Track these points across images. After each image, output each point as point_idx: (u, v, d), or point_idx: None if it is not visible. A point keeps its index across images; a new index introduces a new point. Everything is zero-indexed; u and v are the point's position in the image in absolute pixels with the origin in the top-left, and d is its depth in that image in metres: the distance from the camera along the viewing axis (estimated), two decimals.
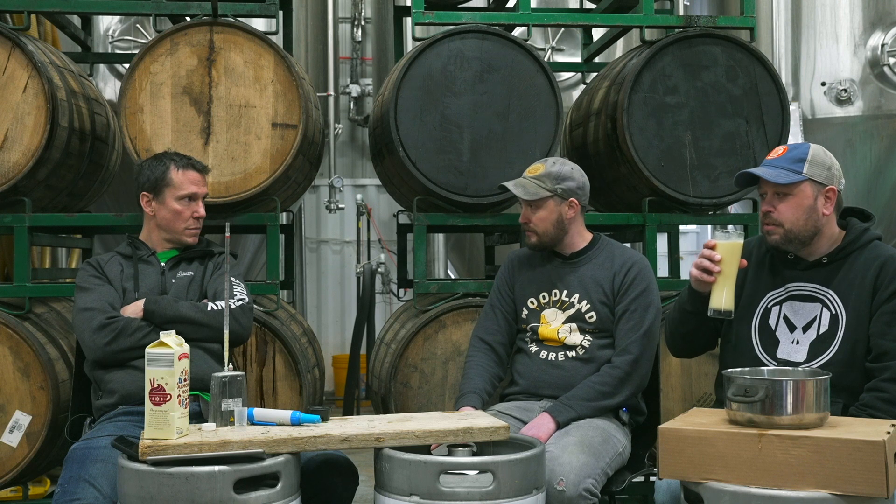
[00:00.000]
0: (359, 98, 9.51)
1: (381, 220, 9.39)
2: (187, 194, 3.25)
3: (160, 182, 3.24)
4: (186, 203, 3.25)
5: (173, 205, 3.24)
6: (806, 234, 2.75)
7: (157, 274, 3.23)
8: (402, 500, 2.46)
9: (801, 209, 2.73)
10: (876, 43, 5.45)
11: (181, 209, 3.24)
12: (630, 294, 3.23)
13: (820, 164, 2.74)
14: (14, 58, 3.75)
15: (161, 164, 3.26)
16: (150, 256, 3.27)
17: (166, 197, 3.24)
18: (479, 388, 3.21)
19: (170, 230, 3.26)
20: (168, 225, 3.25)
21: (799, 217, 2.74)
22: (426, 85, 3.95)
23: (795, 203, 2.73)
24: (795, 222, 2.74)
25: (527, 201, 3.27)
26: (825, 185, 2.74)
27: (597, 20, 4.74)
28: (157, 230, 3.28)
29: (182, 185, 3.24)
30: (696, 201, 4.07)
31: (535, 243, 3.32)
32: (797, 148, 2.78)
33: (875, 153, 5.49)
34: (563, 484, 2.72)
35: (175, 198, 3.24)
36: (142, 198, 3.27)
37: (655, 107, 4.05)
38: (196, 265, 3.30)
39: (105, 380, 3.01)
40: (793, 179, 2.72)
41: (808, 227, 2.75)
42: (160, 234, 3.28)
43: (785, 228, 2.75)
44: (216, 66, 3.82)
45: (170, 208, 3.24)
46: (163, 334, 2.48)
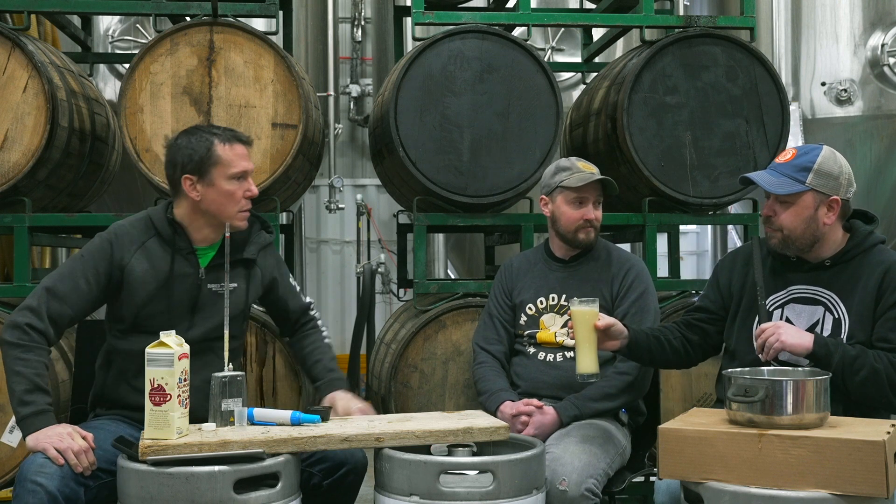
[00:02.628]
0: (359, 98, 9.50)
1: (381, 220, 9.39)
2: (238, 172, 2.79)
3: (206, 161, 2.76)
4: (237, 182, 2.79)
5: (224, 185, 2.77)
6: (805, 241, 2.72)
7: (193, 284, 2.82)
8: (402, 500, 2.46)
9: (800, 218, 2.69)
10: (876, 43, 5.44)
11: (233, 190, 2.78)
12: (629, 297, 3.23)
13: (826, 175, 2.67)
14: (14, 58, 3.75)
15: (203, 140, 2.78)
16: (190, 254, 2.83)
17: (215, 177, 2.76)
18: (506, 387, 3.23)
19: (220, 215, 2.79)
20: (219, 209, 2.78)
21: (798, 225, 2.70)
22: (426, 85, 3.95)
23: (795, 212, 2.69)
24: (794, 230, 2.71)
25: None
26: (829, 195, 2.68)
27: (597, 20, 4.74)
28: (202, 216, 2.81)
29: (232, 161, 2.78)
30: (696, 201, 4.06)
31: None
32: (806, 154, 2.71)
33: (875, 153, 5.49)
34: (566, 484, 2.72)
35: (225, 177, 2.77)
36: (184, 181, 2.77)
37: (655, 107, 4.05)
38: (240, 273, 2.90)
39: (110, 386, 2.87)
40: (794, 190, 2.67)
41: (808, 235, 2.71)
42: (206, 220, 2.82)
43: (784, 234, 2.73)
44: (216, 66, 3.82)
45: (220, 190, 2.77)
46: (163, 334, 2.47)
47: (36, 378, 2.59)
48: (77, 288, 2.73)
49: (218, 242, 2.87)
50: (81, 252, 2.81)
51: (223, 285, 2.80)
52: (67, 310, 2.72)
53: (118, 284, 2.79)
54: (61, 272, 2.76)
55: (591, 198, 3.25)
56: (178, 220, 2.84)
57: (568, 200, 3.25)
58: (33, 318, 2.67)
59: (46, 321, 2.68)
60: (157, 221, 2.84)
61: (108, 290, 2.79)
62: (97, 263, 2.76)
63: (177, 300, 2.81)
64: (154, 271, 2.79)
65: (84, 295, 2.74)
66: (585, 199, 3.25)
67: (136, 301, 2.79)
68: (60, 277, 2.75)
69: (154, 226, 2.84)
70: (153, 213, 2.88)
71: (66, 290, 2.72)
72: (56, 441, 2.46)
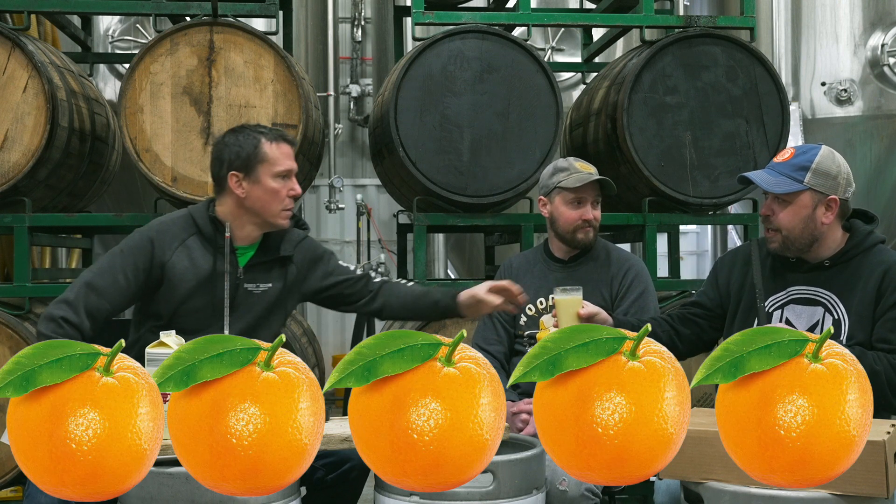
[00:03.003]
0: (359, 98, 9.50)
1: (381, 220, 9.39)
2: (283, 171, 2.81)
3: (252, 158, 2.78)
4: (282, 181, 2.80)
5: (270, 183, 2.78)
6: (803, 241, 2.71)
7: (232, 283, 2.82)
8: (402, 499, 2.46)
9: (798, 218, 2.68)
10: (876, 43, 5.44)
11: (278, 188, 2.79)
12: (629, 297, 3.23)
13: (824, 174, 2.66)
14: (14, 58, 3.75)
15: (250, 138, 2.81)
16: (230, 253, 2.83)
17: (260, 175, 2.78)
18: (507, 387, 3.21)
19: (264, 212, 2.80)
20: (263, 207, 2.80)
21: (796, 225, 2.69)
22: (426, 85, 3.95)
23: (793, 211, 2.68)
24: (792, 230, 2.70)
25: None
26: (827, 194, 2.66)
27: (597, 20, 4.75)
28: (247, 214, 2.82)
29: (278, 160, 2.80)
30: (696, 201, 4.07)
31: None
32: (805, 153, 2.70)
33: (875, 153, 5.49)
34: (566, 484, 2.72)
35: (271, 175, 2.78)
36: (230, 178, 2.79)
37: (655, 107, 4.05)
38: (276, 273, 2.90)
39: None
40: (791, 189, 2.66)
41: (806, 235, 2.70)
42: (250, 218, 2.83)
43: (782, 234, 2.73)
44: (216, 66, 3.82)
45: (266, 187, 2.78)
46: (163, 334, 2.47)
47: None
48: (116, 283, 2.74)
49: (257, 242, 2.88)
50: (121, 247, 2.81)
51: (258, 286, 2.85)
52: (105, 304, 2.73)
53: (157, 281, 2.80)
54: (101, 266, 2.77)
55: (590, 198, 3.25)
56: (221, 218, 2.85)
57: (566, 201, 3.25)
58: (69, 312, 2.68)
59: (83, 314, 2.69)
60: (199, 219, 2.84)
61: (146, 286, 2.80)
62: (137, 259, 2.77)
63: (215, 299, 2.81)
64: (194, 269, 2.80)
65: (122, 290, 2.75)
66: (584, 200, 3.24)
67: (176, 298, 2.79)
68: (100, 272, 2.75)
69: (195, 223, 2.84)
70: (195, 211, 2.88)
71: (105, 284, 2.73)
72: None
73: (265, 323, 2.86)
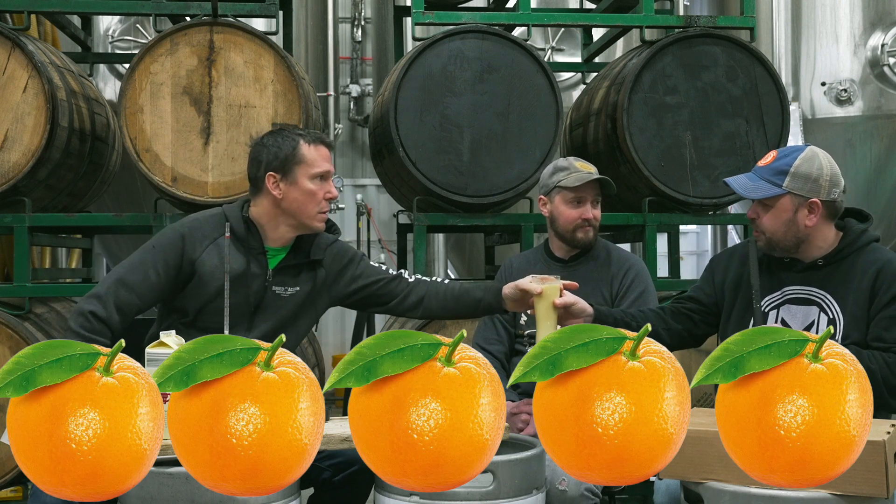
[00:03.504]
0: (359, 98, 9.51)
1: (381, 220, 9.39)
2: (321, 172, 2.80)
3: (290, 159, 2.77)
4: (319, 183, 2.79)
5: (307, 185, 2.77)
6: (788, 243, 2.72)
7: (260, 285, 2.81)
8: (402, 499, 2.46)
9: (780, 221, 2.69)
10: (876, 43, 5.44)
11: (315, 189, 2.78)
12: (629, 297, 3.23)
13: (804, 177, 2.66)
14: (14, 58, 3.75)
15: (289, 140, 2.81)
16: (260, 255, 2.83)
17: (298, 176, 2.77)
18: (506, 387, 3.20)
19: (300, 214, 2.79)
20: (299, 208, 2.78)
21: (778, 228, 2.70)
22: (426, 85, 3.95)
23: (775, 215, 2.69)
24: (775, 232, 2.71)
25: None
26: (808, 197, 2.66)
27: (597, 20, 4.74)
28: (282, 215, 2.81)
29: (315, 161, 2.79)
30: (696, 201, 4.07)
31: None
32: (785, 157, 2.70)
33: (875, 153, 5.49)
34: (565, 484, 2.72)
35: (308, 176, 2.78)
36: (267, 179, 2.79)
37: (655, 107, 4.05)
38: (305, 277, 2.89)
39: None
40: (770, 194, 2.67)
41: (789, 237, 2.71)
42: (285, 219, 2.81)
43: (766, 237, 2.74)
44: (216, 66, 3.82)
45: (303, 189, 2.77)
46: (163, 334, 2.47)
47: None
48: (147, 278, 2.74)
49: (289, 245, 2.87)
50: (153, 243, 2.82)
51: (287, 289, 2.84)
52: (135, 299, 2.74)
53: (187, 278, 2.80)
54: (132, 262, 2.78)
55: (589, 197, 3.25)
56: (255, 219, 2.84)
57: (566, 200, 3.25)
58: (98, 307, 2.69)
59: (112, 309, 2.69)
60: (233, 219, 2.84)
61: (176, 282, 2.79)
62: (168, 256, 2.77)
63: (242, 299, 2.80)
64: (227, 269, 2.78)
65: (153, 286, 2.76)
66: (583, 199, 3.24)
67: (204, 295, 2.79)
68: (131, 267, 2.76)
69: (229, 223, 2.84)
70: (228, 211, 2.88)
71: (136, 280, 2.74)
72: None
73: (291, 326, 2.85)
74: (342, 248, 3.01)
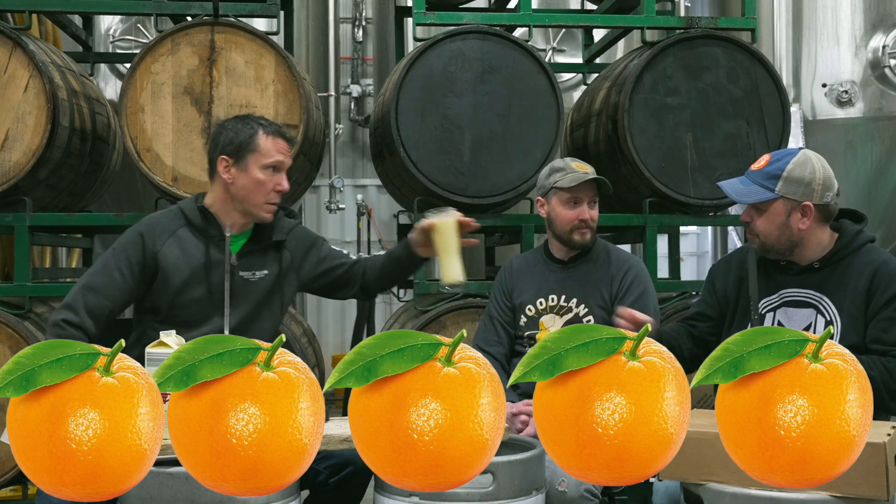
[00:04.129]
0: (359, 98, 9.51)
1: (381, 220, 9.39)
2: (273, 163, 2.84)
3: (245, 146, 2.82)
4: (270, 173, 2.84)
5: (256, 173, 2.82)
6: (781, 246, 2.73)
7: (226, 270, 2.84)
8: (402, 500, 2.46)
9: (773, 225, 2.70)
10: (877, 44, 5.44)
11: (264, 179, 2.83)
12: (629, 298, 3.23)
13: (796, 181, 2.66)
14: (15, 57, 3.75)
15: (248, 127, 2.85)
16: (221, 241, 2.86)
17: (249, 163, 2.83)
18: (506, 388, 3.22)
19: (246, 201, 2.85)
20: (246, 196, 2.84)
21: (772, 231, 2.71)
22: (427, 85, 3.95)
23: (768, 219, 2.70)
24: (769, 236, 2.72)
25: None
26: (800, 201, 2.67)
27: (598, 21, 4.75)
28: (232, 201, 2.86)
29: (269, 152, 2.83)
30: (696, 202, 4.07)
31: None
32: (779, 160, 2.71)
33: (876, 155, 5.49)
34: (565, 485, 2.72)
35: (259, 166, 2.83)
36: (219, 162, 2.85)
37: (656, 108, 4.05)
38: (271, 259, 2.94)
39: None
40: (762, 198, 2.68)
41: (783, 240, 2.72)
42: (234, 205, 2.87)
43: (760, 240, 2.75)
44: (217, 66, 3.82)
45: (252, 177, 2.82)
46: (163, 334, 2.47)
47: None
48: (112, 280, 2.79)
49: (248, 231, 2.92)
50: (114, 245, 2.87)
51: (255, 273, 2.89)
52: (105, 302, 2.78)
53: (153, 274, 2.84)
54: (96, 267, 2.84)
55: (586, 198, 3.24)
56: (209, 207, 2.89)
57: (562, 201, 3.24)
58: (69, 314, 2.74)
59: (83, 315, 2.74)
60: (188, 210, 2.89)
61: (143, 280, 2.83)
62: (129, 254, 2.82)
63: (211, 288, 2.84)
64: (186, 258, 2.83)
65: (119, 286, 2.80)
66: (580, 200, 3.24)
67: (171, 289, 2.83)
68: (95, 272, 2.82)
69: (185, 215, 2.89)
70: (183, 204, 2.94)
71: (102, 283, 2.79)
72: None
73: (267, 310, 2.90)
74: (304, 231, 3.08)
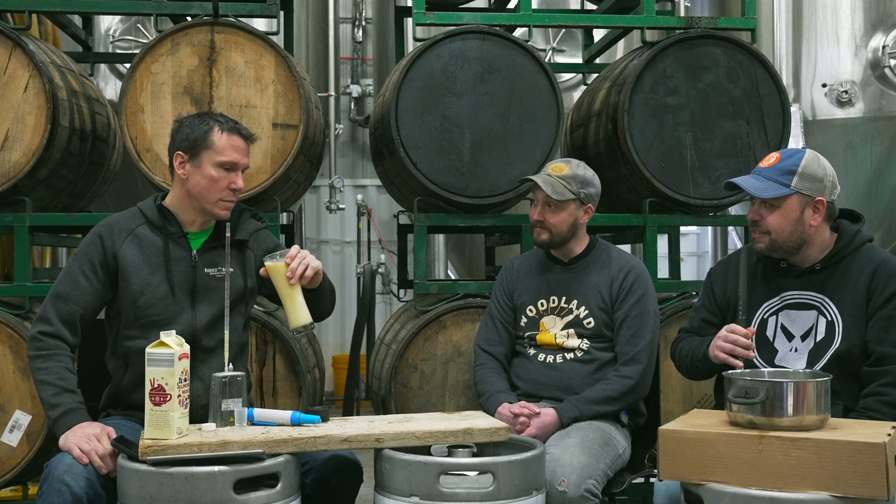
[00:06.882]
0: (359, 98, 9.51)
1: (381, 220, 9.40)
2: (227, 161, 2.82)
3: (199, 143, 2.82)
4: (225, 172, 2.83)
5: (210, 171, 2.81)
6: (792, 244, 2.74)
7: (188, 266, 2.85)
8: (402, 500, 2.46)
9: (787, 221, 2.72)
10: (877, 44, 5.44)
11: (218, 177, 2.81)
12: (629, 300, 3.23)
13: (810, 177, 2.71)
14: (15, 57, 3.75)
15: (204, 124, 2.84)
16: (181, 238, 2.87)
17: (203, 161, 2.82)
18: (505, 388, 3.24)
19: (200, 198, 2.83)
20: (200, 192, 2.83)
21: (785, 228, 2.73)
22: (427, 85, 3.94)
23: (782, 215, 2.72)
24: (781, 233, 2.73)
25: (551, 200, 3.24)
26: (814, 197, 2.71)
27: (598, 21, 4.74)
28: (188, 197, 2.86)
29: (223, 150, 2.82)
30: (696, 203, 4.06)
31: (545, 240, 3.29)
32: (790, 157, 2.75)
33: (876, 155, 5.49)
34: (565, 485, 2.72)
35: (213, 163, 2.82)
36: (175, 157, 2.85)
37: (656, 108, 4.04)
38: (234, 258, 2.91)
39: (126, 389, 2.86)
40: (780, 193, 2.70)
41: (795, 237, 2.73)
42: (191, 202, 2.86)
43: (771, 238, 2.75)
44: (217, 66, 3.82)
45: (205, 174, 2.81)
46: (163, 334, 2.48)
47: (59, 381, 2.69)
48: (77, 284, 2.80)
49: (209, 228, 2.92)
50: (76, 251, 2.89)
51: (220, 269, 2.86)
52: (74, 307, 2.79)
53: (115, 274, 2.84)
54: (61, 275, 2.85)
55: (539, 199, 3.31)
56: (168, 205, 2.90)
57: (531, 203, 3.34)
58: (44, 326, 2.77)
59: (58, 323, 2.76)
60: (146, 209, 2.90)
61: (107, 281, 2.84)
62: (90, 256, 2.83)
63: (173, 285, 2.83)
64: (145, 256, 2.83)
65: (85, 289, 2.81)
66: (535, 201, 3.32)
67: (133, 288, 2.82)
68: (60, 280, 2.84)
69: (143, 213, 2.90)
70: (141, 203, 2.95)
71: (68, 289, 2.81)
72: (83, 442, 2.52)
73: (235, 307, 2.87)
74: (268, 236, 3.07)
